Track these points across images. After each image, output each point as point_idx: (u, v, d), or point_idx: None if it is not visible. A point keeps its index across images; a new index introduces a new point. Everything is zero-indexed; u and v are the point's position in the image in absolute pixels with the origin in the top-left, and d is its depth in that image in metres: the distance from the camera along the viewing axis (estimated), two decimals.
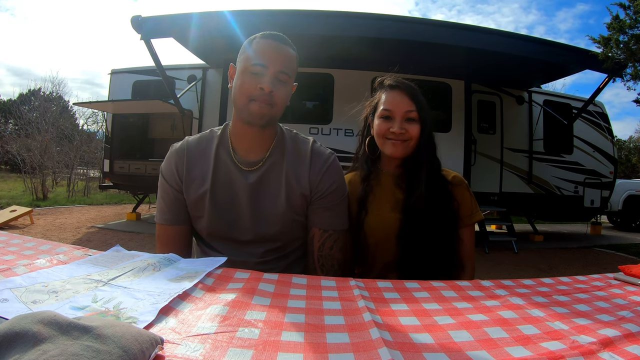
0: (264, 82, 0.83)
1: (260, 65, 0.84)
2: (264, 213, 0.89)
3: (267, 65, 0.84)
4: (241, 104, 0.86)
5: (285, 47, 0.88)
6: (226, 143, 0.92)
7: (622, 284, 0.72)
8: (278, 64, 0.85)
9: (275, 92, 0.85)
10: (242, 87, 0.85)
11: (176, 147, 0.94)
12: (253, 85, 0.84)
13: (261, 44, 0.86)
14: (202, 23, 4.32)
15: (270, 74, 0.84)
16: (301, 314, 0.49)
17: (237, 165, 0.90)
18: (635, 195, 8.08)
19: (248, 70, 0.85)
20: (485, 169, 5.67)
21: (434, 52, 4.68)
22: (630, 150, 21.42)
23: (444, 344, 0.43)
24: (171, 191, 0.91)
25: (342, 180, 0.95)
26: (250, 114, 0.85)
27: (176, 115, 5.62)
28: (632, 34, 4.27)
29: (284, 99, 0.89)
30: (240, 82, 0.86)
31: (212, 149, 0.92)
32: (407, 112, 0.99)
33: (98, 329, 0.34)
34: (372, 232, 1.01)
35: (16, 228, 5.17)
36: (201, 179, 0.90)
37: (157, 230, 0.94)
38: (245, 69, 0.85)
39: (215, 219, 0.89)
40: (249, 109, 0.85)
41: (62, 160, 10.64)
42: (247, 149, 0.91)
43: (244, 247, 0.91)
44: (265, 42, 0.86)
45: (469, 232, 1.03)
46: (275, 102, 0.86)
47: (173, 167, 0.91)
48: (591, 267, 4.42)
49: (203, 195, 0.89)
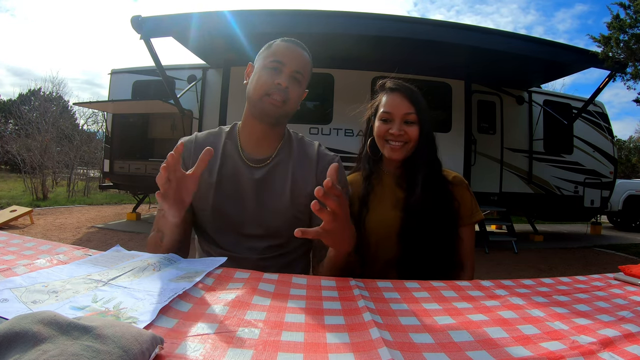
0: (281, 78, 0.87)
1: (278, 62, 0.89)
2: (268, 207, 0.91)
3: (285, 62, 0.89)
4: (256, 98, 0.89)
5: (302, 51, 0.93)
6: (234, 139, 0.95)
7: (622, 284, 0.72)
8: (295, 64, 0.90)
9: (290, 88, 0.89)
10: (259, 81, 0.89)
11: (185, 139, 0.96)
12: (270, 80, 0.88)
13: (281, 45, 0.92)
14: (202, 23, 4.32)
15: (287, 71, 0.89)
16: (301, 314, 0.49)
17: (244, 161, 0.92)
18: (635, 195, 8.08)
19: (266, 67, 0.89)
20: (485, 169, 5.68)
21: (434, 52, 4.68)
22: (630, 150, 21.43)
23: (444, 344, 0.43)
24: None
25: (345, 181, 0.98)
26: (264, 109, 0.88)
27: (176, 115, 5.62)
28: (632, 33, 4.27)
29: (297, 99, 0.93)
30: (257, 77, 0.90)
31: (220, 144, 0.94)
32: (405, 115, 1.01)
33: (98, 329, 0.34)
34: (373, 230, 1.02)
35: (16, 228, 5.17)
36: (208, 170, 0.91)
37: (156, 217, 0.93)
38: (263, 65, 0.90)
39: (220, 211, 0.91)
40: (263, 104, 0.88)
41: (62, 160, 10.65)
42: (255, 146, 0.94)
43: (247, 241, 0.92)
44: (284, 44, 0.92)
45: (469, 231, 1.04)
46: (290, 98, 0.89)
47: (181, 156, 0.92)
48: (591, 267, 4.42)
49: (209, 187, 0.90)
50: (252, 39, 4.12)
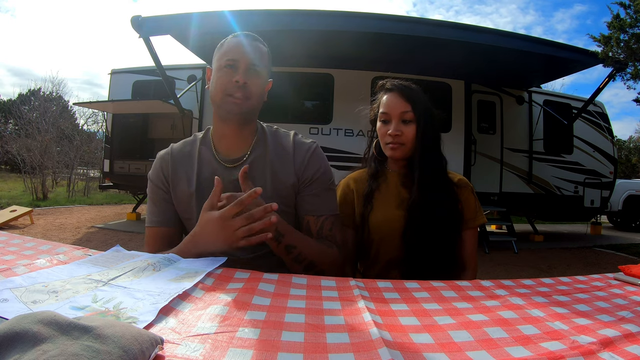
0: (237, 75, 0.87)
1: (231, 59, 0.88)
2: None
3: (239, 59, 0.88)
4: (218, 100, 0.89)
5: (254, 42, 0.92)
6: (208, 143, 0.96)
7: (622, 284, 0.72)
8: (248, 57, 0.89)
9: (249, 83, 0.88)
10: (217, 83, 0.89)
11: (161, 153, 0.98)
12: (227, 80, 0.87)
13: (231, 43, 0.91)
14: (202, 23, 4.32)
15: (242, 67, 0.88)
16: (301, 314, 0.49)
17: (221, 163, 0.93)
18: (635, 195, 8.08)
19: (221, 67, 0.89)
20: (485, 169, 5.67)
21: (434, 52, 4.68)
22: (630, 150, 21.42)
23: (444, 344, 0.43)
24: (160, 192, 0.94)
25: (326, 166, 0.97)
26: (227, 109, 0.88)
27: (176, 115, 5.61)
28: (632, 33, 4.27)
29: (260, 92, 0.92)
30: (215, 79, 0.90)
31: (196, 151, 0.95)
32: (402, 113, 1.01)
33: (98, 329, 0.34)
34: (376, 228, 1.03)
35: (16, 228, 5.17)
36: (187, 179, 0.92)
37: (146, 235, 0.94)
38: (219, 67, 0.90)
39: None
40: (226, 104, 0.88)
41: (62, 160, 10.65)
42: (228, 147, 0.94)
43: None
44: (234, 40, 0.92)
45: (472, 234, 1.05)
46: (252, 93, 0.89)
47: (159, 170, 0.95)
48: (591, 267, 4.42)
49: (190, 195, 0.91)
50: None
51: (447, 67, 5.21)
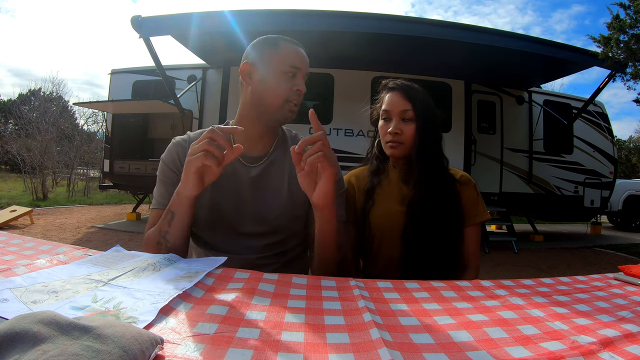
0: (300, 84, 0.89)
1: (296, 68, 0.88)
2: (266, 205, 0.92)
3: (301, 67, 0.89)
4: (277, 104, 0.89)
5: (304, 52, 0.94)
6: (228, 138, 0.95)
7: (622, 284, 0.72)
8: (306, 68, 0.91)
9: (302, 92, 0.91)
10: (279, 87, 0.88)
11: (178, 139, 0.96)
12: (289, 87, 0.88)
13: (292, 48, 0.90)
14: (202, 23, 4.32)
15: (301, 76, 0.90)
16: (301, 314, 0.49)
17: (240, 159, 0.93)
18: (635, 195, 8.08)
19: (285, 72, 0.88)
20: (485, 169, 5.68)
21: (434, 52, 4.68)
22: (630, 150, 21.42)
23: (444, 344, 0.43)
24: (172, 176, 0.91)
25: (340, 174, 0.98)
26: (284, 115, 0.90)
27: (176, 115, 5.61)
28: (632, 33, 4.27)
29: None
30: (274, 83, 0.88)
31: None
32: (402, 112, 1.01)
33: (98, 329, 0.34)
34: (377, 224, 1.03)
35: (16, 228, 5.17)
36: None
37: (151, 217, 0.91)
38: (280, 71, 0.88)
39: (217, 208, 0.91)
40: (284, 110, 0.89)
41: (62, 160, 10.65)
42: (251, 145, 0.93)
43: (245, 239, 0.92)
44: (294, 47, 0.91)
45: (475, 231, 1.04)
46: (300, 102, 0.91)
47: (175, 155, 0.93)
48: (591, 267, 4.42)
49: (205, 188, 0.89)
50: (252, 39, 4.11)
51: (447, 67, 5.21)
